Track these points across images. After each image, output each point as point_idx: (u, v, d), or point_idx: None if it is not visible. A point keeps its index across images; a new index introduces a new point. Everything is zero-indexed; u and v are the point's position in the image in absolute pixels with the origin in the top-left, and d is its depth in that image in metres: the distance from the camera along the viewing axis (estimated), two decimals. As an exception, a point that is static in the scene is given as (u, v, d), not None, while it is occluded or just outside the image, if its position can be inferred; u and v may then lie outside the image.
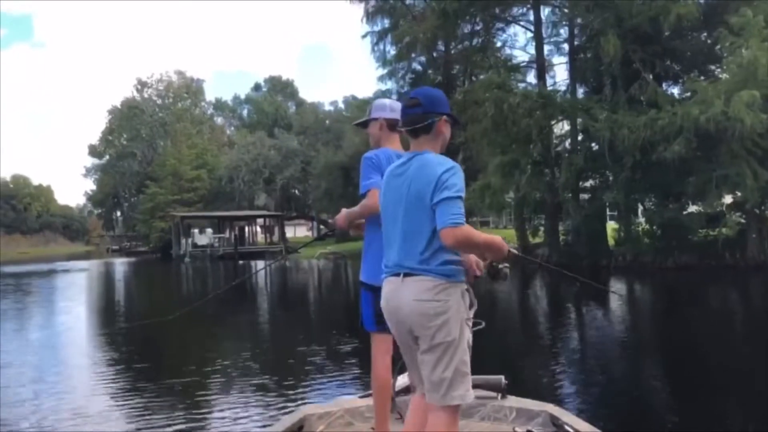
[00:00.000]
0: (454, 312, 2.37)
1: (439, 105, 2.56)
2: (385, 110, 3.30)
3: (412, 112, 2.55)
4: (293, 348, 10.07)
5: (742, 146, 18.86)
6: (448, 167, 2.38)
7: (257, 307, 18.37)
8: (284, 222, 55.50)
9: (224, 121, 77.03)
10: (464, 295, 2.43)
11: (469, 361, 2.42)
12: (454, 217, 2.28)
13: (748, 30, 18.30)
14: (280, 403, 6.68)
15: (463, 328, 2.39)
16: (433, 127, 2.52)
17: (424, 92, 2.61)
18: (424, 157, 2.46)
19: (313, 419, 3.62)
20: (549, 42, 28.39)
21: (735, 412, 6.25)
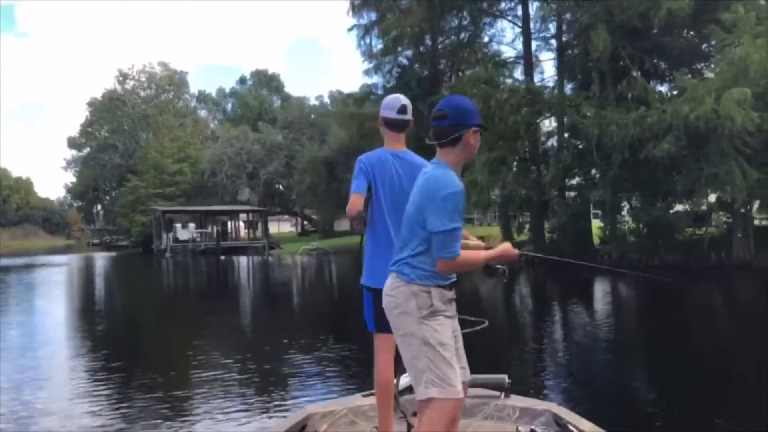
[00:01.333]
0: (403, 308, 2.48)
1: (467, 117, 2.50)
2: (385, 108, 3.28)
3: (438, 124, 2.50)
4: (293, 348, 10.01)
5: (731, 145, 18.68)
6: (449, 192, 2.38)
7: (252, 304, 18.06)
8: (267, 217, 54.95)
9: (208, 114, 76.21)
10: (417, 296, 2.47)
11: (435, 359, 2.44)
12: (447, 253, 2.38)
13: (740, 27, 18.10)
14: (283, 402, 6.75)
15: (419, 325, 2.45)
16: (461, 140, 2.48)
17: (452, 103, 2.54)
18: (436, 174, 2.46)
19: (316, 418, 3.62)
20: (537, 38, 28.18)
21: (736, 411, 6.22)
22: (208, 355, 9.64)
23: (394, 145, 3.27)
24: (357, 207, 3.11)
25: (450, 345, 2.50)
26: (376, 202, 3.20)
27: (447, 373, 2.44)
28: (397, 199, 3.15)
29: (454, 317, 2.59)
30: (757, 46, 17.67)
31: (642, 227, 24.19)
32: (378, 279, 3.08)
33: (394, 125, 3.26)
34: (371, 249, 3.23)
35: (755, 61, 17.49)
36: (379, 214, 3.21)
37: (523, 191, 25.38)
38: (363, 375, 7.37)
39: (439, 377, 2.44)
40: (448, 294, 2.55)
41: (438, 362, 2.44)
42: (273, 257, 40.12)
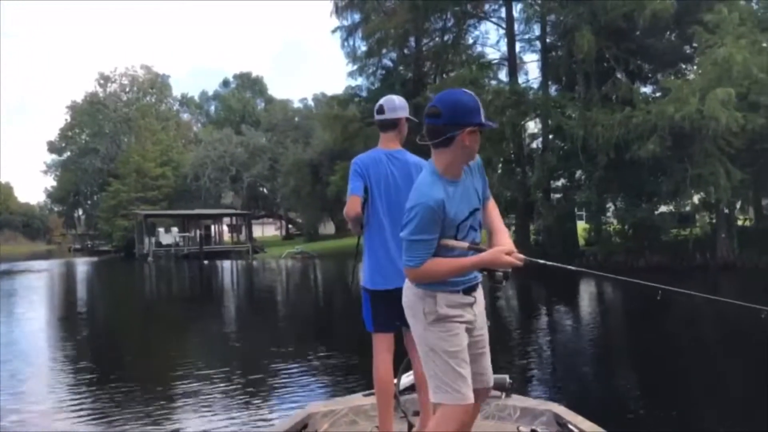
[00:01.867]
0: (412, 311, 2.47)
1: (463, 115, 2.30)
2: (378, 111, 3.30)
3: (431, 122, 2.34)
4: (292, 348, 10.03)
5: (715, 145, 18.72)
6: (415, 204, 2.29)
7: (237, 309, 17.73)
8: (251, 221, 54.55)
9: (191, 117, 75.60)
10: (424, 300, 2.43)
11: (441, 366, 2.41)
12: (408, 261, 2.34)
13: (723, 27, 18.14)
14: (284, 401, 6.77)
15: (425, 331, 2.44)
16: (453, 141, 2.31)
17: (447, 100, 2.35)
18: (419, 180, 2.40)
19: (317, 417, 3.62)
20: (521, 39, 28.16)
21: (737, 411, 6.21)
22: (194, 362, 9.49)
23: (388, 144, 3.27)
24: (355, 209, 3.14)
25: (459, 352, 2.43)
26: (372, 203, 3.20)
27: (453, 380, 2.40)
28: (392, 199, 3.18)
29: (470, 321, 2.50)
30: (739, 46, 17.72)
31: (627, 228, 24.22)
32: (375, 280, 3.18)
33: (380, 126, 3.29)
34: (368, 250, 3.25)
35: (738, 61, 17.53)
36: (375, 215, 3.21)
37: (508, 193, 25.31)
38: (351, 379, 7.38)
39: (445, 383, 2.41)
40: (460, 299, 2.46)
41: (444, 369, 2.41)
42: (257, 261, 39.77)
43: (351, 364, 8.49)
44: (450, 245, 2.38)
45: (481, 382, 2.57)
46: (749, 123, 17.84)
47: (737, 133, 18.38)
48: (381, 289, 3.18)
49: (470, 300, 2.50)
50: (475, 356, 2.54)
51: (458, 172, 2.40)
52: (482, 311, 2.59)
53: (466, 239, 2.42)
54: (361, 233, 3.30)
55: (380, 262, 3.19)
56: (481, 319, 2.58)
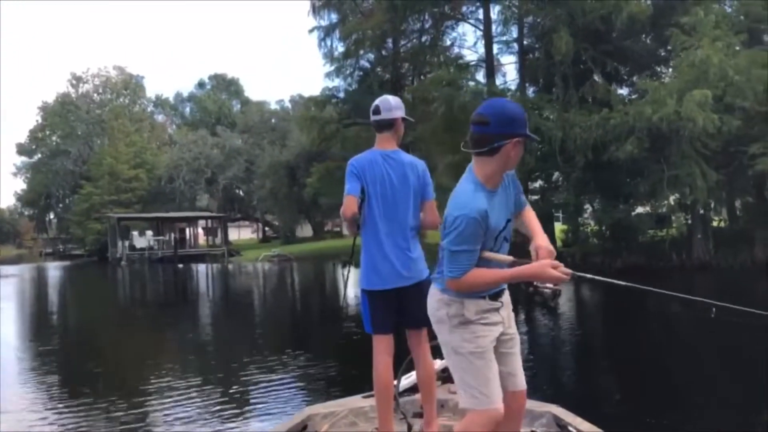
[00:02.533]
0: (437, 316, 2.48)
1: (512, 125, 2.29)
2: (374, 111, 3.31)
3: (478, 131, 2.32)
4: (271, 355, 9.95)
5: (691, 147, 18.84)
6: (458, 215, 2.27)
7: (212, 314, 17.38)
8: (227, 224, 53.94)
9: (166, 118, 74.60)
10: (449, 305, 2.43)
11: (468, 369, 2.40)
12: (450, 272, 2.31)
13: (700, 30, 18.26)
14: (284, 402, 6.77)
15: (450, 334, 2.43)
16: (500, 151, 2.29)
17: (496, 109, 2.33)
18: (457, 190, 2.37)
19: (317, 419, 3.63)
20: (499, 41, 28.16)
21: (738, 412, 6.23)
22: (169, 371, 9.28)
23: (383, 145, 3.27)
24: (352, 209, 3.13)
25: (484, 353, 2.41)
26: (368, 203, 3.20)
27: (480, 384, 2.38)
28: (388, 199, 3.19)
29: (498, 323, 2.49)
30: (716, 48, 17.85)
31: (604, 229, 24.30)
32: (372, 280, 3.18)
33: (376, 126, 3.29)
34: (364, 251, 3.25)
35: (715, 63, 17.65)
36: (371, 216, 3.20)
37: (486, 195, 25.20)
38: (334, 387, 7.28)
39: (471, 387, 2.39)
40: (487, 305, 2.45)
41: (470, 372, 2.40)
42: (233, 264, 39.29)
43: (330, 374, 8.33)
44: (492, 259, 2.37)
45: (513, 384, 2.52)
46: (725, 125, 17.98)
47: (713, 135, 18.51)
48: (378, 289, 3.18)
49: (497, 305, 2.48)
50: (505, 356, 2.51)
51: (498, 182, 2.39)
52: (510, 314, 2.58)
53: (500, 251, 2.41)
54: (358, 234, 3.27)
55: (376, 263, 3.18)
56: (510, 321, 2.57)
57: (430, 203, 3.30)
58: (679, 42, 19.18)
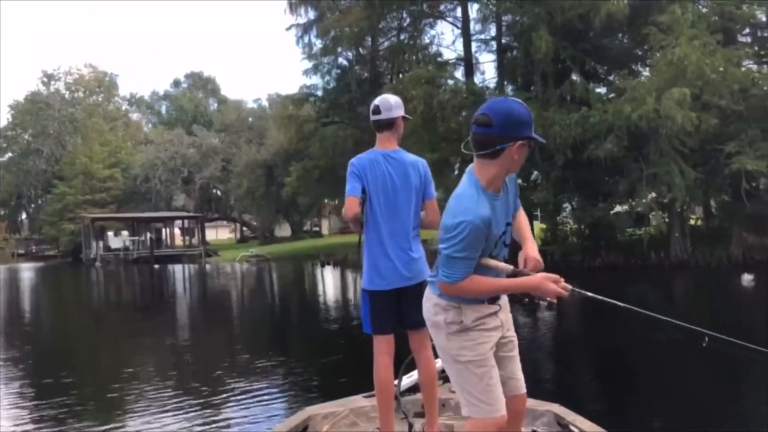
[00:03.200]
0: (433, 321, 2.41)
1: (516, 128, 2.17)
2: (374, 111, 3.29)
3: (480, 131, 2.21)
4: (290, 349, 10.01)
5: (670, 145, 18.90)
6: (457, 221, 2.17)
7: (188, 316, 16.91)
8: (204, 224, 53.31)
9: (141, 117, 73.59)
10: (446, 311, 2.35)
11: (467, 378, 2.34)
12: (445, 276, 2.24)
13: (677, 28, 18.29)
14: (284, 402, 6.77)
15: (447, 341, 2.36)
16: (502, 153, 2.19)
17: (499, 109, 2.20)
18: (458, 194, 2.26)
19: (317, 419, 3.62)
20: (477, 39, 28.10)
21: (738, 412, 6.23)
22: (204, 358, 9.32)
23: (384, 145, 3.26)
24: (353, 209, 3.15)
25: (484, 360, 2.34)
26: (369, 204, 3.20)
27: (481, 391, 2.32)
28: (390, 199, 3.18)
29: (497, 327, 2.42)
30: (693, 47, 17.90)
31: (584, 228, 24.33)
32: (373, 280, 3.18)
33: (376, 126, 3.28)
34: (366, 251, 3.25)
35: (692, 61, 17.70)
36: (372, 216, 3.20)
37: (466, 193, 25.12)
38: (311, 392, 7.19)
39: (472, 395, 2.33)
40: (485, 309, 2.37)
41: (470, 381, 2.34)
42: (210, 265, 38.79)
43: (313, 378, 8.13)
44: (492, 266, 2.28)
45: (513, 388, 2.46)
46: (703, 123, 18.04)
47: (691, 133, 18.58)
48: (380, 289, 3.17)
49: (495, 308, 2.41)
50: (504, 359, 2.45)
51: (501, 186, 2.30)
52: (508, 316, 2.51)
53: (498, 255, 2.32)
54: (362, 233, 3.29)
55: (378, 263, 3.17)
56: (509, 324, 2.50)
57: (431, 202, 3.29)
58: (656, 40, 19.21)
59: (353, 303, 18.42)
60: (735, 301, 14.77)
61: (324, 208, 50.74)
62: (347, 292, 21.61)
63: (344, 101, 31.45)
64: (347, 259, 32.19)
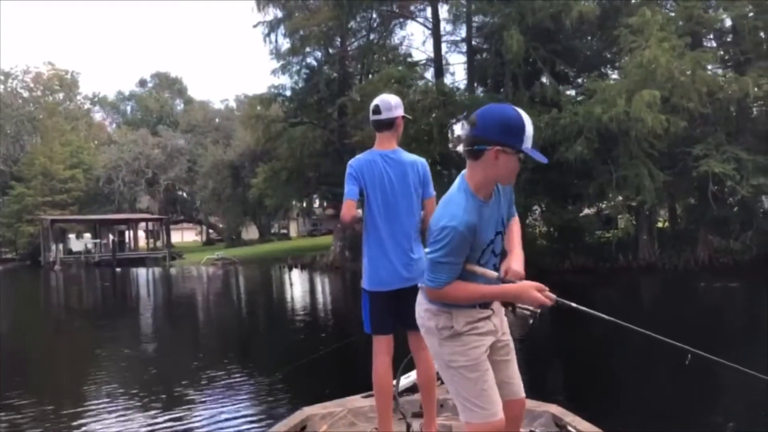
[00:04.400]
0: (426, 326, 2.41)
1: (499, 133, 2.16)
2: (374, 111, 3.28)
3: (466, 130, 2.30)
4: (289, 349, 10.06)
5: (639, 147, 18.93)
6: (442, 225, 2.17)
7: (147, 323, 16.16)
8: (170, 226, 52.21)
9: (105, 117, 72.02)
10: (438, 316, 2.34)
11: (462, 383, 2.33)
12: (429, 281, 2.25)
13: (647, 29, 18.32)
14: (282, 402, 6.74)
15: (440, 347, 2.36)
16: (482, 155, 2.19)
17: (488, 112, 2.22)
18: (446, 198, 2.27)
19: (315, 419, 3.63)
20: (447, 41, 27.97)
21: (735, 410, 6.27)
22: (203, 359, 9.24)
23: (383, 145, 3.26)
24: (351, 213, 3.16)
25: (478, 364, 2.32)
26: (368, 205, 3.21)
27: (476, 396, 2.31)
28: (388, 200, 3.18)
29: (491, 332, 2.39)
30: (663, 49, 17.93)
31: (553, 231, 24.31)
32: (373, 281, 3.20)
33: (376, 126, 3.27)
34: (366, 252, 3.26)
35: (662, 64, 17.73)
36: (371, 217, 3.22)
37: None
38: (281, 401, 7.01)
39: (468, 400, 2.32)
40: (477, 314, 2.35)
41: (465, 386, 2.32)
42: (175, 268, 37.92)
43: (276, 385, 7.82)
44: (478, 272, 2.27)
45: (509, 392, 2.44)
46: (672, 126, 18.10)
47: (660, 136, 18.63)
48: (379, 290, 3.19)
49: (488, 313, 2.39)
50: (500, 363, 2.44)
51: (490, 193, 2.29)
52: (503, 320, 2.47)
53: (487, 264, 2.30)
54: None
55: (377, 264, 3.19)
56: (503, 328, 2.47)
57: (430, 201, 3.26)
58: (627, 42, 19.21)
59: (321, 306, 18.09)
60: (701, 303, 14.80)
61: (292, 211, 50.16)
62: (315, 295, 21.20)
63: (313, 101, 31.02)
64: (315, 261, 31.82)
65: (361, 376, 3.41)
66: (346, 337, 12.38)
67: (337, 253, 31.17)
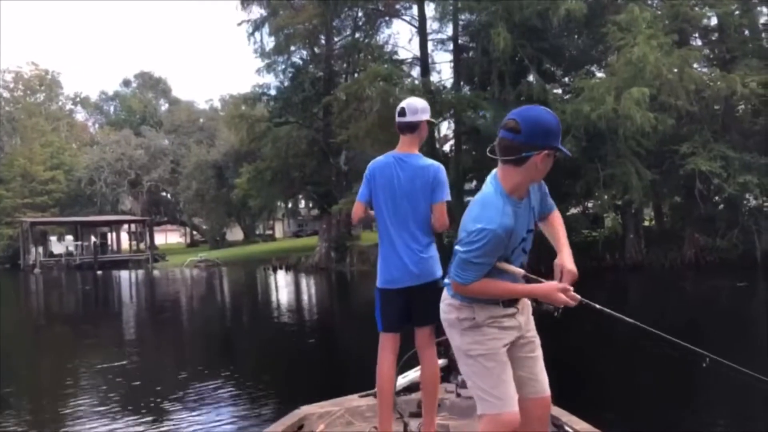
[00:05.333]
0: (448, 320, 2.44)
1: (543, 137, 2.18)
2: (400, 113, 3.31)
3: (507, 137, 2.21)
4: (287, 350, 10.01)
5: (626, 146, 18.82)
6: (477, 228, 2.17)
7: (126, 328, 15.62)
8: (153, 228, 51.54)
9: (88, 118, 71.07)
10: (460, 309, 2.38)
11: (480, 373, 2.34)
12: (457, 277, 2.26)
13: (636, 27, 18.20)
14: (280, 402, 6.68)
15: (461, 337, 2.38)
16: (527, 161, 2.19)
17: (529, 116, 2.20)
18: (479, 200, 2.27)
19: (313, 418, 3.65)
20: (434, 40, 27.74)
21: (736, 409, 6.23)
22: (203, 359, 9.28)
23: (403, 148, 3.30)
24: (358, 214, 3.35)
25: (496, 354, 2.34)
26: (377, 207, 3.29)
27: (493, 386, 2.33)
28: (397, 202, 3.23)
29: (514, 327, 2.40)
30: (651, 46, 17.83)
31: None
32: (384, 279, 3.27)
33: (399, 128, 3.31)
34: (379, 251, 3.36)
35: (651, 61, 17.61)
36: (381, 218, 3.29)
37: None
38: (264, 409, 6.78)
39: (484, 391, 2.35)
40: (500, 311, 2.37)
41: (482, 375, 2.35)
42: (158, 270, 37.36)
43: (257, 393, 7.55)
44: (505, 269, 2.28)
45: (534, 390, 2.43)
46: (660, 124, 17.99)
47: (647, 134, 18.53)
48: (388, 288, 3.24)
49: (512, 311, 2.39)
50: (524, 360, 2.44)
51: (524, 193, 2.31)
52: (529, 317, 2.48)
53: (515, 261, 2.32)
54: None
55: (388, 263, 3.24)
56: (529, 325, 2.47)
57: (436, 206, 3.23)
58: (615, 39, 19.08)
59: (306, 308, 17.77)
60: (688, 302, 14.69)
61: (277, 211, 49.72)
62: (300, 297, 20.88)
63: (298, 101, 30.71)
64: (300, 263, 31.44)
65: (359, 376, 3.44)
66: (332, 338, 12.20)
67: (323, 254, 30.85)
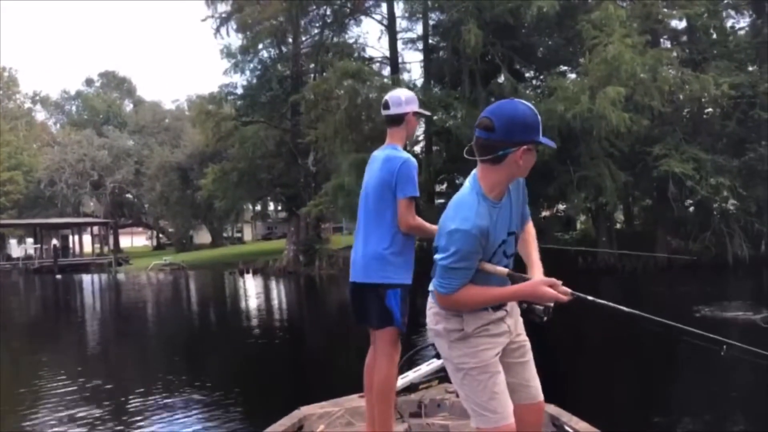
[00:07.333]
0: (435, 330, 2.37)
1: (519, 132, 2.06)
2: (384, 106, 3.24)
3: (483, 136, 2.09)
4: (286, 350, 10.06)
5: (600, 147, 18.56)
6: (453, 228, 2.07)
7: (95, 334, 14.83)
8: (118, 230, 50.19)
9: (48, 117, 69.14)
10: (447, 319, 2.29)
11: (472, 386, 2.27)
12: (440, 287, 2.18)
13: (610, 25, 17.95)
14: (279, 402, 6.44)
15: (450, 350, 2.31)
16: (505, 159, 2.08)
17: (503, 112, 2.08)
18: (456, 201, 2.17)
19: (312, 419, 3.64)
20: (403, 39, 27.37)
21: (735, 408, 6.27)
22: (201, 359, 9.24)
23: (389, 141, 3.25)
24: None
25: (488, 366, 2.25)
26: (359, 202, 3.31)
27: (487, 400, 2.24)
28: (366, 197, 3.21)
29: (504, 333, 2.31)
30: (626, 45, 17.59)
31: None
32: (352, 273, 3.22)
33: (386, 122, 3.25)
34: None
35: (626, 60, 17.36)
36: (358, 212, 3.28)
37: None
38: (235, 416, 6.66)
39: (477, 404, 2.26)
40: (488, 316, 2.27)
41: (475, 389, 2.26)
42: (120, 274, 36.24)
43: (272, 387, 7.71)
44: (488, 270, 2.20)
45: (527, 396, 2.36)
46: (635, 124, 17.76)
47: (621, 135, 18.29)
48: (350, 280, 3.23)
49: (500, 315, 2.32)
50: (515, 365, 2.36)
51: (503, 192, 2.19)
52: (517, 320, 2.39)
53: (498, 265, 2.23)
54: None
55: (356, 257, 3.21)
56: (518, 329, 2.39)
57: (400, 201, 3.06)
58: (589, 37, 18.80)
59: (276, 312, 17.22)
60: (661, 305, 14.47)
61: (244, 213, 48.77)
62: (269, 302, 20.27)
63: (266, 100, 29.97)
64: (268, 266, 30.72)
65: (358, 376, 3.32)
66: (300, 343, 11.81)
67: (291, 257, 30.20)
